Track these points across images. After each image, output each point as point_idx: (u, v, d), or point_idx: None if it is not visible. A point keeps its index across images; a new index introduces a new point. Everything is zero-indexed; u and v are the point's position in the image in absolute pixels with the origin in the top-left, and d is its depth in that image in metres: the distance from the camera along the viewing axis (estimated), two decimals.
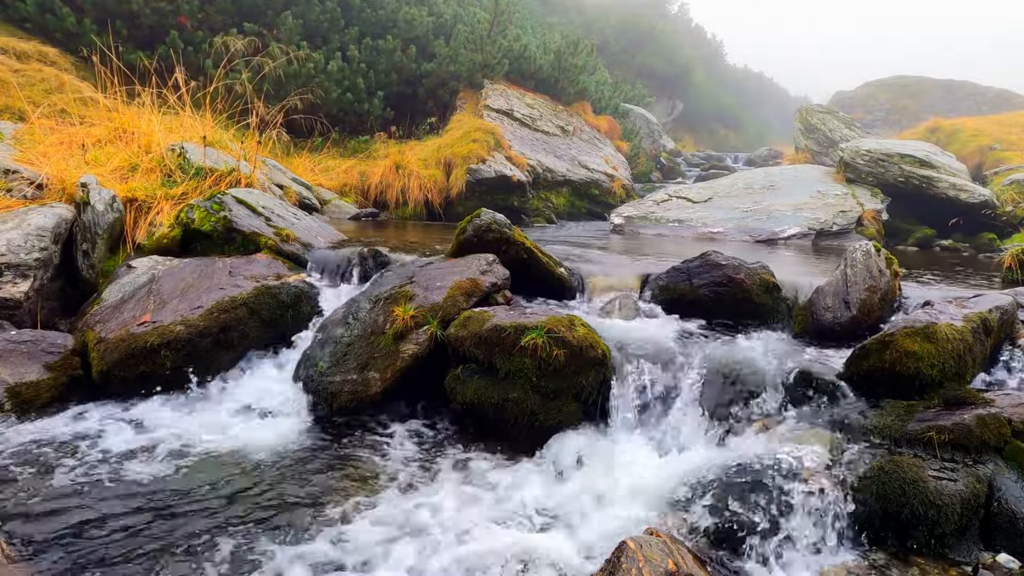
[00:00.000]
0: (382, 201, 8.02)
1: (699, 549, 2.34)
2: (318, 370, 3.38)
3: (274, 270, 4.09)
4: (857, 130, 13.24)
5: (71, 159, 4.82)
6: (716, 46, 31.86)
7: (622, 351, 3.28)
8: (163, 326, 3.48)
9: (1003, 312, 3.22)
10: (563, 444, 3.03)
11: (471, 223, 4.03)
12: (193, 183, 4.99)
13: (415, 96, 10.21)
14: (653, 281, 4.05)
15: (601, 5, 23.80)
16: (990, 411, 2.55)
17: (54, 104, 5.64)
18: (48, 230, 3.99)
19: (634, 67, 21.45)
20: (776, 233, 7.36)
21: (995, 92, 21.51)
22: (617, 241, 6.98)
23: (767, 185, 9.03)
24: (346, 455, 3.00)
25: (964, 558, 2.30)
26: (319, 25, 9.68)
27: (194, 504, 2.53)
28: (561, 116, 11.04)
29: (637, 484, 2.72)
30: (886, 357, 2.78)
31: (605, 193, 9.91)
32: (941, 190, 8.14)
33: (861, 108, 21.42)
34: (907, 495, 2.34)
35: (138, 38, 8.19)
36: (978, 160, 11.40)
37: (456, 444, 3.14)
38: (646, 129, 14.61)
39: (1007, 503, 2.35)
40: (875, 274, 3.58)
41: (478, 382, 3.19)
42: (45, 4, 7.64)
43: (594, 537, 2.44)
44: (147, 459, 2.85)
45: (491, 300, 3.69)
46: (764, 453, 2.67)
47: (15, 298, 3.74)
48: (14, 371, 3.25)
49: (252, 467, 2.84)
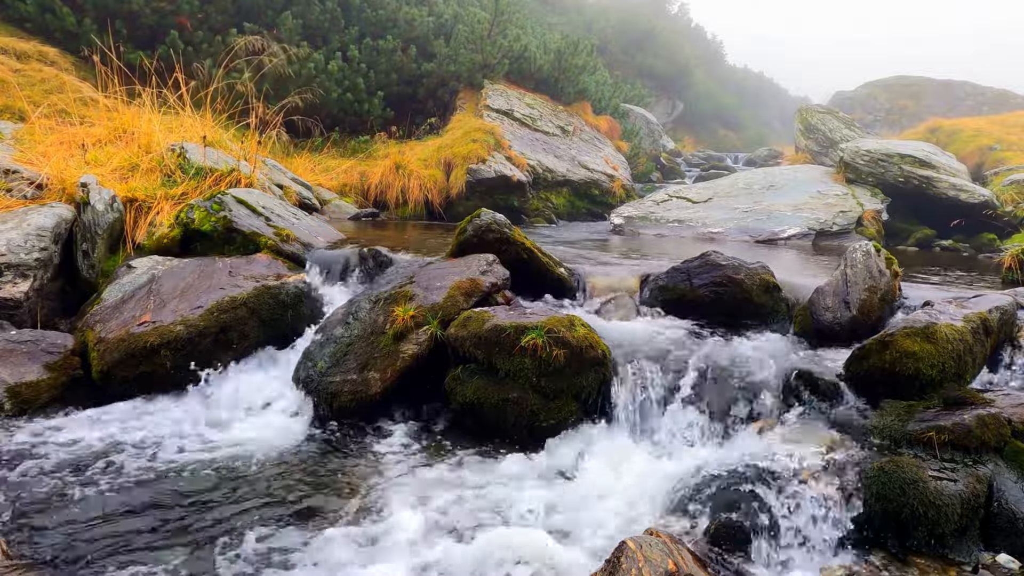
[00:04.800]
0: (382, 201, 8.02)
1: (699, 549, 2.34)
2: (318, 370, 3.38)
3: (274, 270, 4.09)
4: (857, 130, 13.24)
5: (71, 159, 4.82)
6: (716, 46, 31.85)
7: (622, 351, 3.28)
8: (163, 326, 3.48)
9: (1003, 312, 3.22)
10: (563, 444, 3.04)
11: (471, 223, 4.03)
12: (193, 183, 4.99)
13: (415, 96, 10.21)
14: (653, 281, 4.04)
15: (601, 5, 23.79)
16: (990, 411, 2.54)
17: (54, 104, 5.64)
18: (48, 230, 3.99)
19: (634, 67, 21.44)
20: (776, 233, 7.36)
21: (995, 92, 21.49)
22: (617, 241, 6.99)
23: (767, 185, 9.03)
24: (346, 455, 3.00)
25: (964, 558, 2.30)
26: (319, 25, 9.68)
27: (193, 504, 2.53)
28: (561, 116, 11.03)
29: (637, 484, 2.72)
30: (886, 357, 2.78)
31: (605, 193, 9.91)
32: (941, 190, 8.14)
33: (861, 108, 21.41)
34: (907, 495, 2.33)
35: (138, 38, 8.19)
36: (978, 160, 11.39)
37: (456, 444, 3.14)
38: (646, 129, 14.60)
39: (1007, 503, 2.35)
40: (875, 274, 3.58)
41: (478, 382, 3.19)
42: (45, 4, 7.65)
43: (594, 537, 2.44)
44: (147, 459, 2.85)
45: (491, 300, 3.69)
46: (764, 453, 2.67)
47: (15, 298, 3.74)
48: (14, 371, 3.25)
49: (252, 467, 2.84)
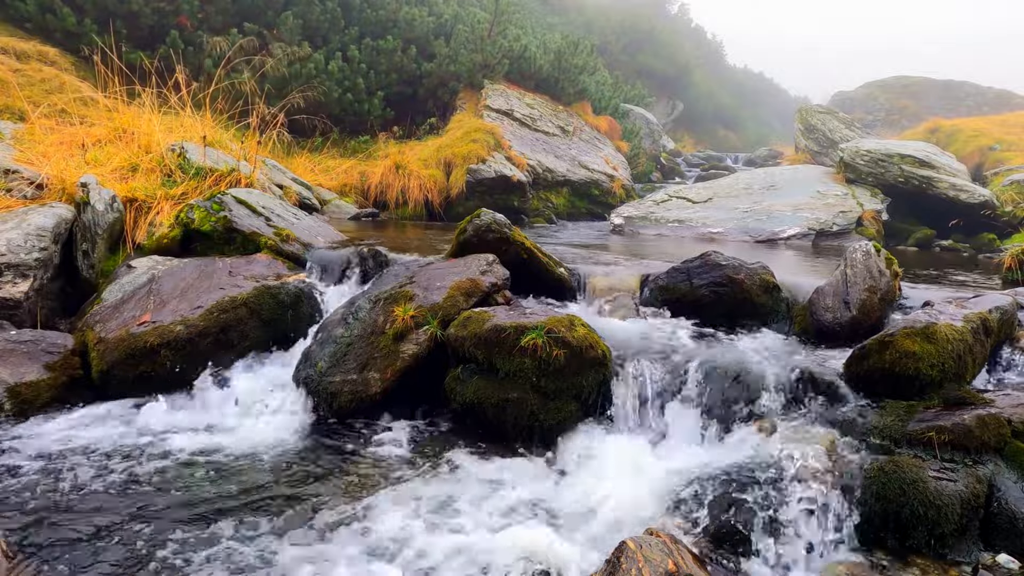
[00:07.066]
0: (382, 201, 8.02)
1: (699, 549, 2.34)
2: (318, 370, 3.38)
3: (274, 270, 4.09)
4: (857, 130, 13.24)
5: (71, 159, 4.82)
6: (716, 46, 31.87)
7: (622, 351, 3.28)
8: (163, 326, 3.48)
9: (1003, 312, 3.22)
10: (563, 444, 3.04)
11: (471, 223, 4.03)
12: (193, 183, 4.99)
13: (415, 96, 10.21)
14: (653, 281, 4.05)
15: (601, 5, 23.79)
16: (990, 411, 2.55)
17: (54, 104, 5.64)
18: (48, 230, 3.99)
19: (634, 67, 21.45)
20: (776, 233, 7.36)
21: (995, 92, 21.48)
22: (617, 241, 6.99)
23: (767, 185, 9.03)
24: (346, 455, 3.00)
25: (964, 558, 2.30)
26: (319, 25, 9.69)
27: (193, 504, 2.53)
28: (561, 116, 11.04)
29: (637, 484, 2.72)
30: (886, 357, 2.78)
31: (605, 193, 9.91)
32: (941, 190, 8.14)
33: (861, 108, 21.40)
34: (907, 495, 2.33)
35: (138, 38, 8.20)
36: (978, 160, 11.40)
37: (456, 444, 3.13)
38: (646, 129, 14.60)
39: (1007, 503, 2.35)
40: (875, 274, 3.58)
41: (478, 382, 3.19)
42: (45, 4, 7.65)
43: (594, 537, 2.44)
44: (146, 459, 2.85)
45: (491, 300, 3.69)
46: (764, 453, 2.67)
47: (15, 298, 3.74)
48: (14, 371, 3.25)
49: (251, 467, 2.84)
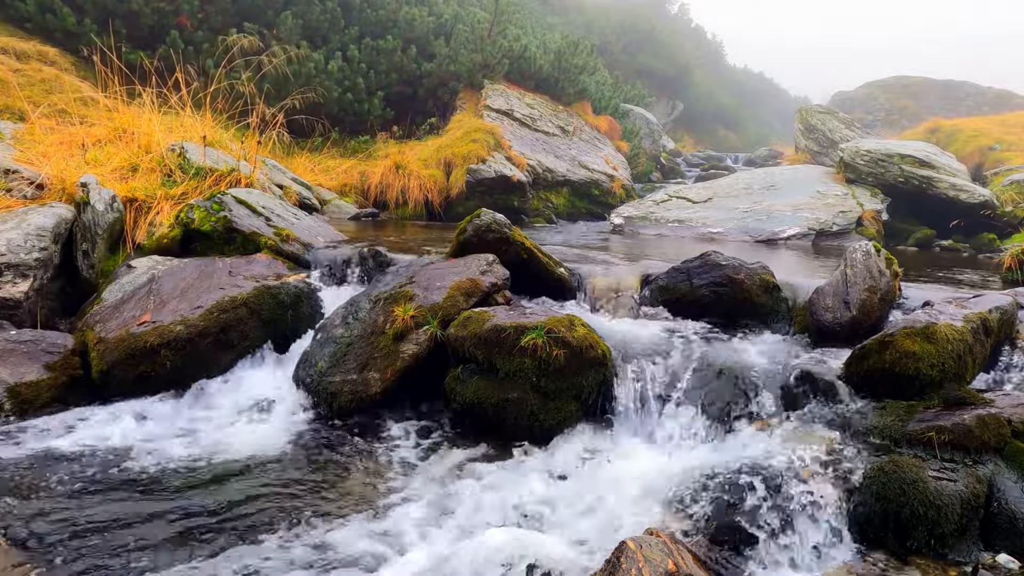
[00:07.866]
0: (382, 201, 8.02)
1: (699, 549, 2.34)
2: (318, 370, 3.38)
3: (274, 270, 4.09)
4: (857, 130, 13.24)
5: (71, 159, 4.82)
6: (716, 46, 31.86)
7: (622, 351, 3.28)
8: (163, 326, 3.48)
9: (1003, 312, 3.22)
10: (563, 444, 3.04)
11: (471, 223, 4.03)
12: (193, 183, 4.99)
13: (415, 96, 10.21)
14: (653, 281, 4.05)
15: (601, 5, 23.79)
16: (990, 411, 2.54)
17: (54, 104, 5.64)
18: (48, 230, 3.99)
19: (634, 67, 21.44)
20: (776, 233, 7.36)
21: (995, 92, 21.47)
22: (617, 241, 6.98)
23: (767, 185, 9.03)
24: (345, 455, 3.00)
25: (964, 558, 2.29)
26: (319, 25, 9.68)
27: (192, 503, 2.53)
28: (561, 116, 11.03)
29: (637, 484, 2.72)
30: (886, 357, 2.78)
31: (605, 193, 9.91)
32: (941, 190, 8.14)
33: (861, 108, 21.40)
34: (907, 495, 2.33)
35: (138, 38, 8.20)
36: (978, 160, 11.39)
37: (456, 444, 3.13)
38: (646, 129, 14.60)
39: (1007, 503, 2.35)
40: (875, 274, 3.57)
41: (478, 382, 3.19)
42: (45, 4, 7.65)
43: (594, 537, 2.44)
44: (146, 459, 2.85)
45: (491, 300, 3.69)
46: (764, 453, 2.67)
47: (15, 298, 3.74)
48: (14, 371, 3.25)
49: (251, 467, 2.84)
